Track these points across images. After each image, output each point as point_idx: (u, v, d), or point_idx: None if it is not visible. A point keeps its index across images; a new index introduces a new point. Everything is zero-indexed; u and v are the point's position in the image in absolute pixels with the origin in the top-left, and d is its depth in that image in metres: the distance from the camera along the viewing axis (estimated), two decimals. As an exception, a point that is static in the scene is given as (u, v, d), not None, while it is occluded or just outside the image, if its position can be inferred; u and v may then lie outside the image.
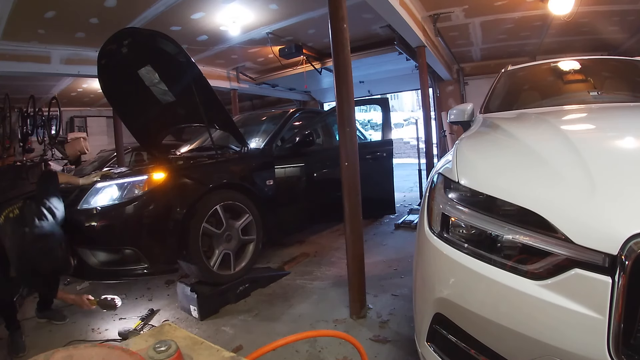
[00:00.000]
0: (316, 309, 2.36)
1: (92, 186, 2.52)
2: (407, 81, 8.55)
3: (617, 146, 1.24)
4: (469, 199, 1.09)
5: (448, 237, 1.10)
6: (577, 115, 1.89)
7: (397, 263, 3.09)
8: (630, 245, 0.78)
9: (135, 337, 0.70)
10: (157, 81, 2.92)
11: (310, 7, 4.51)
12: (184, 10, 4.24)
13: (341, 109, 2.20)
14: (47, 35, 4.42)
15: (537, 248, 0.91)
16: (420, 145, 5.86)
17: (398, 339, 1.93)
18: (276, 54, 5.91)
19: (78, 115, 9.86)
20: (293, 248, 3.68)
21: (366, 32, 5.71)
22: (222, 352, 0.64)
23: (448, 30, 5.65)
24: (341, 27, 2.16)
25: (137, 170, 2.85)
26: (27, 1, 3.48)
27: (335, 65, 2.19)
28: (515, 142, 1.37)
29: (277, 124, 3.55)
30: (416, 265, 1.29)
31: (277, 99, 10.84)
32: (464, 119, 2.35)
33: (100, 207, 2.42)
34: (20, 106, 6.89)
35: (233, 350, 1.93)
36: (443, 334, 1.11)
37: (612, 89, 2.36)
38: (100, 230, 2.38)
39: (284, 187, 3.23)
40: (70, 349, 0.54)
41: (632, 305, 0.78)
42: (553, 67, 2.70)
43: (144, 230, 2.39)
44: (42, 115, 6.81)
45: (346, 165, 2.18)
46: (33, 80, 6.21)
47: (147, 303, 2.61)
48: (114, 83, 3.10)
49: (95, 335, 2.23)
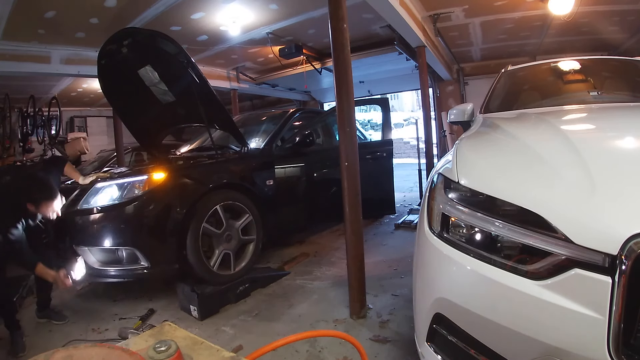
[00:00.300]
0: (316, 309, 2.36)
1: (91, 187, 2.53)
2: (407, 81, 8.54)
3: (617, 146, 1.24)
4: (469, 199, 1.09)
5: (448, 237, 1.10)
6: (577, 115, 1.89)
7: (397, 263, 3.09)
8: (630, 245, 0.78)
9: (135, 337, 0.70)
10: (157, 81, 2.92)
11: (310, 7, 4.51)
12: (184, 10, 4.23)
13: (341, 109, 2.20)
14: (47, 35, 4.42)
15: (537, 248, 0.91)
16: (420, 145, 5.86)
17: (398, 339, 1.93)
18: (276, 54, 5.90)
19: (78, 115, 9.85)
20: (293, 248, 3.68)
21: (366, 32, 5.71)
22: (222, 352, 0.64)
23: (448, 30, 5.65)
24: (341, 27, 2.16)
25: (137, 170, 2.85)
26: (27, 1, 3.48)
27: (335, 65, 2.19)
28: (515, 142, 1.37)
29: (277, 124, 3.55)
30: (416, 265, 1.29)
31: (277, 99, 10.84)
32: (464, 119, 2.35)
33: (100, 207, 2.42)
34: (20, 106, 6.89)
35: (233, 350, 1.93)
36: (443, 334, 1.11)
37: (612, 89, 2.36)
38: (100, 230, 2.38)
39: (284, 187, 3.23)
40: (70, 349, 0.54)
41: (632, 305, 0.78)
42: (553, 67, 2.70)
43: (143, 230, 2.39)
44: (42, 115, 6.80)
45: (346, 165, 2.18)
46: (33, 80, 6.21)
47: (147, 303, 2.61)
48: (114, 83, 3.10)
49: (95, 335, 2.23)
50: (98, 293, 2.90)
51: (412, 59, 5.83)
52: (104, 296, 2.80)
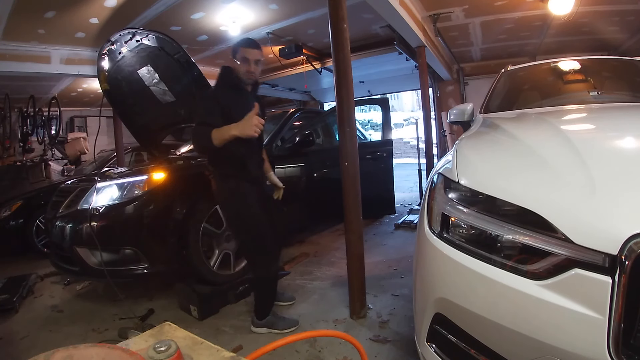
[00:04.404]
0: (316, 309, 2.36)
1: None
2: (407, 81, 8.54)
3: (617, 146, 1.24)
4: (469, 199, 1.09)
5: (448, 237, 1.10)
6: (577, 115, 1.89)
7: (397, 263, 3.09)
8: (630, 245, 0.78)
9: (135, 337, 0.70)
10: (157, 81, 2.92)
11: (310, 7, 4.51)
12: (184, 10, 4.23)
13: (341, 109, 2.20)
14: (47, 35, 4.42)
15: (537, 248, 0.91)
16: (420, 145, 5.86)
17: (398, 339, 1.93)
18: (276, 54, 5.90)
19: (78, 115, 9.85)
20: (293, 248, 3.68)
21: (366, 32, 5.71)
22: (222, 352, 0.64)
23: (448, 30, 5.65)
24: (341, 27, 2.16)
25: (137, 170, 2.85)
26: (27, 1, 3.48)
27: (335, 65, 2.19)
28: (516, 142, 1.37)
29: (277, 124, 3.55)
30: (416, 265, 1.29)
31: (277, 99, 10.83)
32: (464, 119, 2.35)
33: (101, 207, 2.42)
34: (20, 106, 6.89)
35: (233, 350, 1.93)
36: (443, 334, 1.11)
37: (612, 89, 2.36)
38: (101, 230, 2.38)
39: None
40: (70, 348, 0.53)
41: (632, 305, 0.78)
42: (553, 67, 2.70)
43: (144, 230, 2.39)
44: (42, 115, 6.81)
45: (346, 165, 2.18)
46: (33, 80, 6.20)
47: (147, 303, 2.61)
48: (113, 83, 3.10)
49: (95, 335, 2.23)
50: (98, 293, 2.90)
51: (412, 59, 5.83)
52: (104, 296, 2.80)
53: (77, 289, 2.97)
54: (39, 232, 4.00)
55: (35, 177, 5.12)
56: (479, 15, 5.16)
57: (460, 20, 5.26)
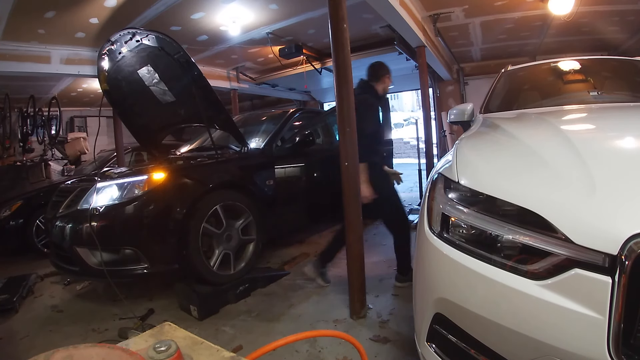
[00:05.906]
0: (316, 309, 2.36)
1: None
2: (407, 81, 8.52)
3: (617, 146, 1.24)
4: (469, 199, 1.09)
5: (448, 237, 1.10)
6: (577, 115, 1.89)
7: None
8: (630, 245, 0.78)
9: (135, 337, 0.70)
10: (157, 81, 2.92)
11: (310, 7, 4.51)
12: (184, 10, 4.24)
13: (341, 109, 2.20)
14: (47, 35, 4.42)
15: (537, 248, 0.91)
16: (420, 145, 5.86)
17: (398, 339, 1.93)
18: (276, 54, 5.90)
19: (78, 115, 9.85)
20: (293, 248, 3.67)
21: (366, 32, 5.71)
22: (222, 352, 0.64)
23: (448, 30, 5.65)
24: (341, 27, 2.16)
25: (137, 170, 2.85)
26: (27, 1, 3.48)
27: (335, 65, 2.19)
28: (515, 142, 1.37)
29: (277, 124, 3.55)
30: (416, 265, 1.29)
31: (277, 99, 10.83)
32: (464, 119, 2.35)
33: (101, 207, 2.42)
34: (20, 106, 6.89)
35: (233, 350, 1.93)
36: (443, 334, 1.11)
37: (612, 89, 2.36)
38: (101, 230, 2.38)
39: (284, 187, 3.23)
40: (70, 348, 0.53)
41: (632, 305, 0.78)
42: (553, 67, 2.70)
43: (144, 230, 2.39)
44: (42, 115, 6.81)
45: (346, 165, 2.18)
46: (33, 80, 6.21)
47: (147, 303, 2.61)
48: (113, 83, 3.10)
49: (95, 335, 2.23)
50: (98, 293, 2.90)
51: (412, 59, 5.83)
52: (104, 296, 2.80)
53: (77, 289, 2.97)
54: (39, 232, 4.00)
55: (35, 177, 5.12)
56: (479, 15, 5.16)
57: (460, 20, 5.26)
